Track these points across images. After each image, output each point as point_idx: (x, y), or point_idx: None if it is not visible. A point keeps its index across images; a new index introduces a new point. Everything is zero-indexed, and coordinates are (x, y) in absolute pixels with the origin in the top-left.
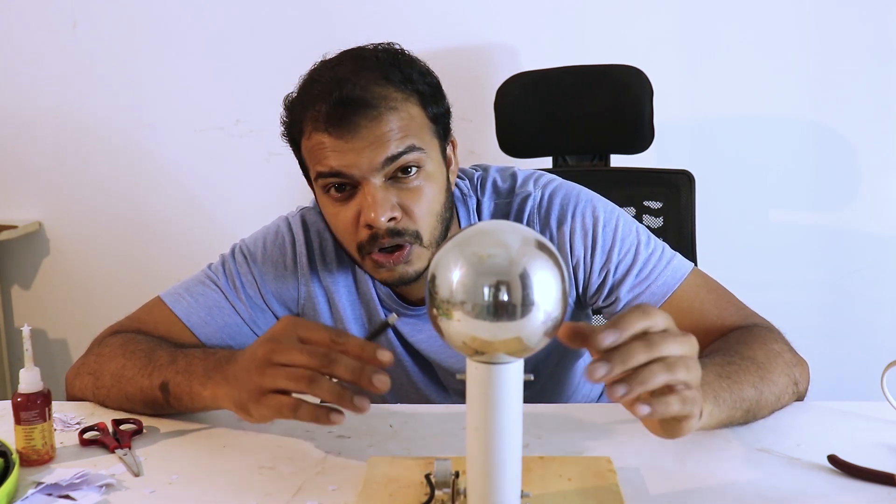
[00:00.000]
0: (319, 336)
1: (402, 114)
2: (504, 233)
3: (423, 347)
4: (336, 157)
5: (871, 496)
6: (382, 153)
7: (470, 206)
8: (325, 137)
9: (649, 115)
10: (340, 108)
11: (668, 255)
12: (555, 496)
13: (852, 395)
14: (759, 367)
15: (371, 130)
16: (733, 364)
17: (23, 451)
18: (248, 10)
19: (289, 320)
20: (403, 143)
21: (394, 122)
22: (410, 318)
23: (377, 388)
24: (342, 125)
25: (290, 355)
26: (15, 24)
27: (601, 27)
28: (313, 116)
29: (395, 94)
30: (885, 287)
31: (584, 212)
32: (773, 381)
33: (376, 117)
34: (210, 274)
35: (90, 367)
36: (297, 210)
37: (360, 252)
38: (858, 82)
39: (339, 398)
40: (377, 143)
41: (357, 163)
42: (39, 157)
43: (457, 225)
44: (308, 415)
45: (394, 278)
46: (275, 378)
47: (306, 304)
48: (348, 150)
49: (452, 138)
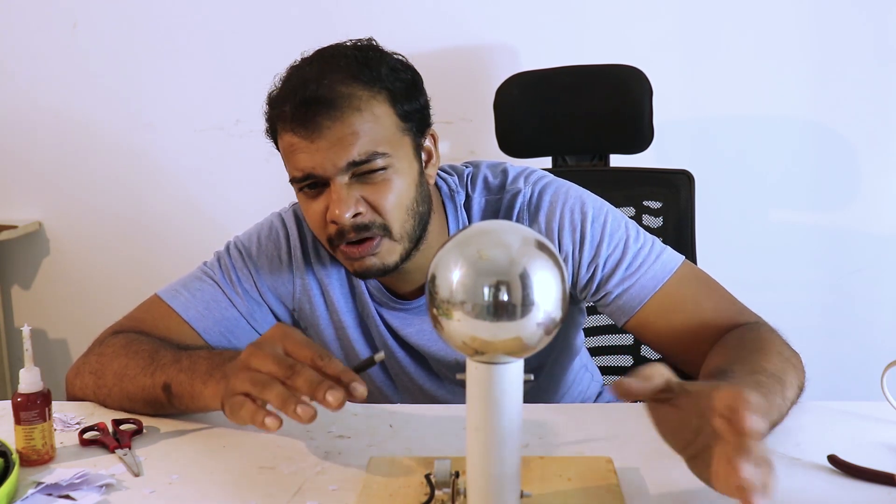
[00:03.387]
0: (302, 353)
1: (366, 115)
2: (504, 233)
3: (414, 340)
4: (304, 158)
5: (871, 496)
6: (344, 157)
7: (458, 201)
8: (293, 138)
9: (649, 115)
10: (303, 107)
11: (657, 249)
12: (555, 496)
13: (852, 395)
14: (781, 385)
15: (333, 131)
16: (762, 386)
17: (23, 451)
18: (248, 10)
19: (278, 329)
20: (367, 150)
21: (357, 125)
22: (400, 312)
23: (328, 405)
24: (306, 125)
25: (263, 362)
26: (15, 24)
27: (601, 27)
28: (281, 116)
29: (360, 92)
30: (885, 287)
31: (573, 207)
32: (788, 398)
33: (338, 118)
34: (206, 270)
35: (92, 366)
36: (290, 206)
37: (330, 245)
38: (858, 82)
39: (283, 404)
40: (339, 145)
41: (322, 163)
42: (39, 157)
43: (444, 221)
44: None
45: (363, 269)
46: (243, 381)
47: (302, 297)
48: (314, 150)
49: (432, 131)
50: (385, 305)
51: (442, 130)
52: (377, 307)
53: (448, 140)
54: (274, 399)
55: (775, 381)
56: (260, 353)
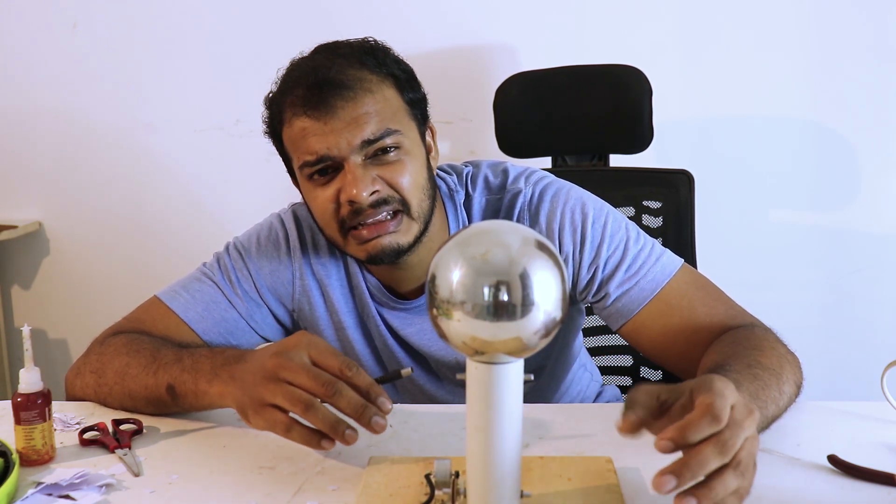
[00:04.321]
0: (329, 362)
1: (377, 96)
2: (504, 233)
3: (414, 340)
4: (316, 141)
5: (871, 496)
6: (359, 135)
7: (457, 200)
8: (305, 122)
9: (649, 115)
10: (317, 89)
11: (657, 252)
12: (555, 496)
13: (852, 395)
14: (778, 379)
15: (348, 111)
16: (759, 379)
17: (23, 451)
18: (248, 10)
19: (303, 337)
20: (380, 127)
21: (370, 105)
22: (400, 312)
23: (373, 430)
24: (320, 107)
25: (297, 376)
26: (15, 24)
27: (601, 27)
28: (292, 102)
29: (369, 76)
30: (885, 287)
31: (574, 208)
32: (786, 393)
33: (352, 98)
34: (205, 271)
35: (92, 365)
36: (289, 206)
37: (341, 230)
38: (858, 82)
39: (332, 429)
40: (354, 124)
41: (336, 143)
42: (39, 157)
43: (444, 219)
44: (300, 437)
45: (377, 250)
46: (275, 394)
47: (301, 297)
48: (328, 132)
49: (431, 125)
50: (385, 305)
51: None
52: (377, 307)
53: (448, 140)
54: (321, 423)
55: (771, 375)
56: (290, 364)
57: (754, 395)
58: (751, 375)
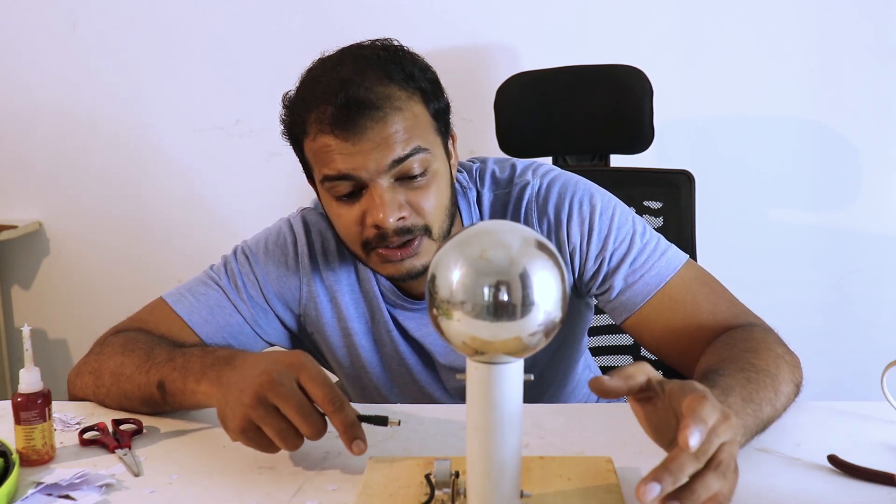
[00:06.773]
0: (316, 393)
1: (406, 114)
2: (504, 233)
3: (427, 342)
4: (343, 160)
5: (871, 496)
6: (389, 155)
7: (470, 198)
8: (330, 140)
9: (649, 115)
10: (345, 110)
11: (662, 246)
12: (555, 496)
13: (852, 395)
14: (773, 380)
15: (377, 132)
16: (752, 382)
17: (23, 451)
18: (249, 10)
19: (296, 357)
20: (409, 145)
21: (399, 123)
22: (414, 313)
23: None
24: (348, 128)
25: (285, 404)
26: (15, 24)
27: (601, 27)
28: (318, 118)
29: (398, 93)
30: (885, 287)
31: (582, 200)
32: (783, 393)
33: (382, 118)
34: (212, 274)
35: (91, 366)
36: (298, 211)
37: (364, 248)
38: (858, 82)
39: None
40: (383, 144)
41: (364, 165)
42: (40, 157)
43: (459, 218)
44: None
45: (400, 273)
46: (263, 420)
47: (308, 303)
48: (355, 153)
49: (452, 132)
50: (398, 307)
51: None
52: (390, 308)
53: None
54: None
55: (766, 377)
56: (280, 390)
57: (747, 398)
58: (744, 379)
